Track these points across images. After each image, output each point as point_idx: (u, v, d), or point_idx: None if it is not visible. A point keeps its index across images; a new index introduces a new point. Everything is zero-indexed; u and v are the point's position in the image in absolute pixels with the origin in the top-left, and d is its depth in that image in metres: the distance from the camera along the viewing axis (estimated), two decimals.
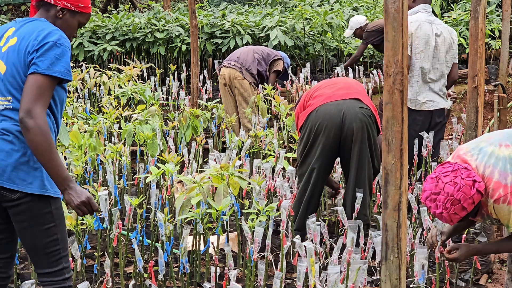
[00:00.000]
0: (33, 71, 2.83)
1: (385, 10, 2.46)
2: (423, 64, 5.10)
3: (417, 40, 5.11)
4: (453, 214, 3.11)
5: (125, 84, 7.68)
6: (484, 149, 3.20)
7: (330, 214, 5.36)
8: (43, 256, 2.97)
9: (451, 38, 5.26)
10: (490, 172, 3.12)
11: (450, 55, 5.25)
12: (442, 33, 5.20)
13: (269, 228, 3.77)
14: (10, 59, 2.92)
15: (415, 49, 5.11)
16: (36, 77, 2.83)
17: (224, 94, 7.38)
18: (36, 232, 2.94)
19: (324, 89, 4.60)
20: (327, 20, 10.32)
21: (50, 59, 2.85)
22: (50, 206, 2.94)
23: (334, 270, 2.96)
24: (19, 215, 2.92)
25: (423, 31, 5.10)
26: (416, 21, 5.12)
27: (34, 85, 2.82)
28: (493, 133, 3.37)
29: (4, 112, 2.90)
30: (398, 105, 2.48)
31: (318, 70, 10.58)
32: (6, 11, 15.62)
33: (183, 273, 3.73)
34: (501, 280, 4.21)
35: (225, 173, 4.14)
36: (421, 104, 5.13)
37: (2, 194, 2.88)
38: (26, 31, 2.94)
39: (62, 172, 2.82)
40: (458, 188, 3.08)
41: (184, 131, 6.37)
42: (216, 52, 10.28)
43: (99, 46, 9.95)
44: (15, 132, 2.87)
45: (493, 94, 6.18)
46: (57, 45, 2.87)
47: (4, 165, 2.86)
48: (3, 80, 2.92)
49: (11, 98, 2.89)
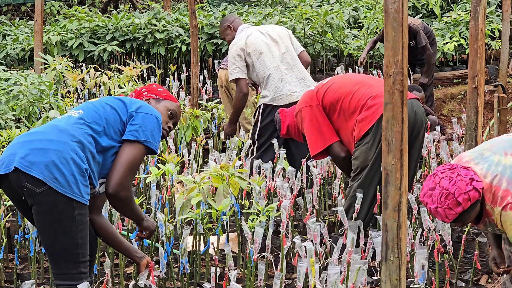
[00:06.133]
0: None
1: (385, 10, 2.46)
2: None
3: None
4: (448, 208, 3.09)
5: (125, 85, 7.68)
6: (489, 158, 3.20)
7: (330, 214, 5.36)
8: (62, 259, 2.98)
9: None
10: (498, 181, 3.12)
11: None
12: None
13: (269, 229, 3.77)
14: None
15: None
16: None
17: (222, 96, 7.38)
18: (56, 232, 2.95)
19: (374, 88, 4.46)
20: (327, 21, 10.32)
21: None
22: (74, 210, 2.95)
23: (334, 271, 2.96)
24: (41, 213, 2.94)
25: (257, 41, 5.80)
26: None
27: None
28: (495, 141, 3.36)
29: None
30: (398, 106, 2.48)
31: (318, 70, 10.58)
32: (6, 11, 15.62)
33: (183, 274, 3.73)
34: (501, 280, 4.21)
35: (225, 173, 4.14)
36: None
37: (27, 187, 2.90)
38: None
39: (140, 213, 3.28)
40: (454, 182, 3.08)
41: (184, 131, 6.37)
42: (216, 53, 10.28)
43: (99, 47, 9.95)
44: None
45: (493, 94, 6.18)
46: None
47: (39, 160, 2.91)
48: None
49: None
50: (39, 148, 2.95)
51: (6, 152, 3.02)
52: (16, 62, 10.22)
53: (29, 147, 2.96)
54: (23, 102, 6.48)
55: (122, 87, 7.52)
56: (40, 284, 4.07)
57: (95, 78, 7.99)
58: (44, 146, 2.96)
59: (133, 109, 3.16)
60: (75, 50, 9.97)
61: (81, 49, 10.02)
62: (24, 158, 2.92)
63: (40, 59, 8.11)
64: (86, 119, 3.10)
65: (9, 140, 5.45)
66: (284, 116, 4.94)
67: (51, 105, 6.72)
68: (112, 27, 10.27)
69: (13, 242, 4.53)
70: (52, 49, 9.80)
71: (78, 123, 3.08)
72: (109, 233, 3.32)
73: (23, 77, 6.96)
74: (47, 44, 9.81)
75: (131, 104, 3.20)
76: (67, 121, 3.11)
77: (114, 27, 10.26)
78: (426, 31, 8.33)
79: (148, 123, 3.13)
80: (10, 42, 10.36)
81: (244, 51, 5.81)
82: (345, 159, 4.59)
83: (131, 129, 3.10)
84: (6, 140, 5.47)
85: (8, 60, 10.12)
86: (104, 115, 3.13)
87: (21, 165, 2.91)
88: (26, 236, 4.34)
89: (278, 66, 5.79)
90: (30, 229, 4.03)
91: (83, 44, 10.04)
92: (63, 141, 2.98)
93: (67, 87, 7.99)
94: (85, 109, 3.17)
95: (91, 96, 8.11)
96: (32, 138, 3.03)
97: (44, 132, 3.04)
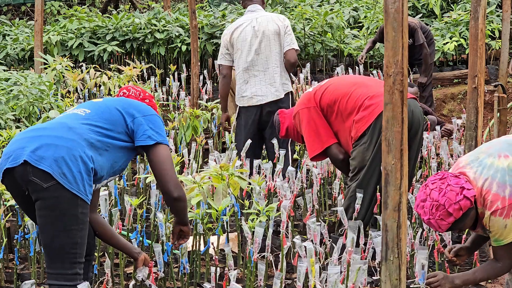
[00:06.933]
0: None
1: (385, 10, 2.46)
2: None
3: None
4: (440, 219, 3.09)
5: (125, 85, 7.68)
6: (483, 161, 3.17)
7: (330, 214, 5.36)
8: (59, 257, 2.98)
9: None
10: (488, 184, 3.10)
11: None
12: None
13: (269, 229, 3.77)
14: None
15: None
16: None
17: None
18: (57, 229, 2.95)
19: (371, 88, 4.45)
20: (327, 21, 10.32)
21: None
22: (78, 208, 2.96)
23: (334, 271, 2.96)
24: (45, 209, 2.94)
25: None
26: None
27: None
28: (492, 143, 3.34)
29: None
30: (398, 105, 2.48)
31: (318, 70, 10.58)
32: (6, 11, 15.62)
33: (183, 274, 3.73)
34: (501, 280, 4.21)
35: (225, 173, 4.14)
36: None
37: (33, 181, 2.91)
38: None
39: (186, 219, 3.41)
40: (443, 193, 3.07)
41: (184, 131, 6.37)
42: (216, 53, 10.26)
43: (99, 47, 9.95)
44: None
45: (493, 94, 6.18)
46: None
47: (49, 154, 2.93)
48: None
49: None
50: (49, 144, 2.97)
51: (11, 146, 3.03)
52: (16, 62, 10.22)
53: (39, 142, 2.98)
54: (23, 102, 6.48)
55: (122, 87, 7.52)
56: (40, 284, 4.07)
57: (95, 78, 7.99)
58: (53, 142, 2.98)
59: (136, 112, 3.24)
60: (75, 50, 9.97)
61: (81, 49, 10.02)
62: (34, 152, 2.94)
63: (40, 59, 8.11)
64: (93, 118, 3.13)
65: (9, 140, 5.45)
66: (284, 118, 4.94)
67: (51, 105, 6.72)
68: (112, 27, 10.27)
69: (13, 242, 4.53)
70: (52, 49, 9.80)
71: (86, 122, 3.11)
72: (107, 230, 3.36)
73: (23, 77, 6.96)
74: (47, 44, 9.81)
75: (133, 106, 3.26)
76: (74, 119, 3.13)
77: (114, 27, 10.26)
78: (423, 30, 8.35)
79: (156, 123, 3.25)
80: (10, 42, 10.36)
81: (228, 43, 5.91)
82: (343, 161, 4.59)
83: (147, 134, 3.20)
84: (6, 140, 5.47)
85: (8, 60, 10.12)
86: (109, 116, 3.18)
87: (31, 159, 2.92)
88: (26, 236, 4.34)
89: (248, 67, 5.81)
90: (30, 229, 4.03)
91: (83, 44, 10.04)
92: (72, 139, 3.01)
93: (67, 87, 7.99)
94: (92, 109, 3.20)
95: (91, 96, 8.11)
96: (40, 133, 3.04)
97: (53, 129, 3.06)
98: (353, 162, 4.45)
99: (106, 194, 3.91)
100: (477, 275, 3.34)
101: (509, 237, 3.13)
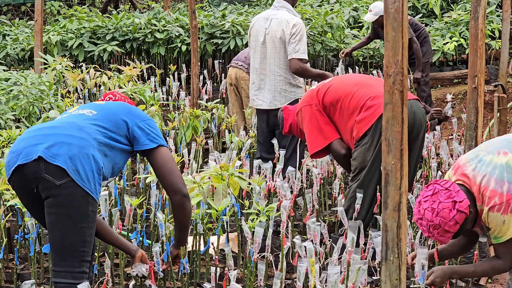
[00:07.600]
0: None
1: (385, 10, 2.46)
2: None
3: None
4: (440, 236, 3.16)
5: (125, 85, 7.68)
6: (482, 158, 3.20)
7: (330, 214, 5.36)
8: (68, 255, 2.99)
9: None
10: (486, 181, 3.12)
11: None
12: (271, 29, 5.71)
13: (269, 229, 3.77)
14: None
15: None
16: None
17: (230, 94, 7.35)
18: (67, 227, 2.96)
19: (373, 88, 4.44)
20: (327, 21, 10.32)
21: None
22: (88, 206, 2.99)
23: (334, 271, 2.96)
24: (56, 206, 2.96)
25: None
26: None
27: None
28: (492, 141, 3.36)
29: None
30: (398, 106, 2.48)
31: None
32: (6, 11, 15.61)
33: (183, 274, 3.72)
34: (501, 281, 4.21)
35: (225, 173, 4.14)
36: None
37: (46, 178, 2.93)
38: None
39: (187, 234, 3.47)
40: (436, 213, 3.11)
41: (184, 131, 6.37)
42: (216, 53, 10.28)
43: (99, 47, 9.95)
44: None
45: (493, 94, 6.18)
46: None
47: (63, 152, 2.96)
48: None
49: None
50: (62, 142, 3.00)
51: (20, 144, 3.04)
52: (16, 62, 10.22)
53: (53, 139, 3.01)
54: (23, 102, 6.48)
55: (122, 87, 7.52)
56: (40, 284, 4.07)
57: (95, 78, 7.99)
58: (66, 140, 3.01)
59: (136, 117, 3.30)
60: (75, 50, 9.97)
61: (81, 49, 10.02)
62: (49, 149, 2.96)
63: (40, 59, 8.11)
64: (100, 120, 3.19)
65: (9, 140, 5.45)
66: (287, 114, 4.94)
67: (51, 105, 6.72)
68: (112, 27, 10.27)
69: (13, 242, 4.53)
70: (52, 49, 9.80)
71: (94, 123, 3.16)
72: (105, 228, 3.38)
73: (23, 77, 6.96)
74: (47, 44, 9.81)
75: (133, 111, 3.33)
76: (82, 119, 3.16)
77: (114, 27, 10.26)
78: (416, 27, 8.34)
79: (155, 127, 3.33)
80: (10, 42, 10.36)
81: (248, 36, 6.02)
82: (345, 157, 4.59)
83: (149, 138, 3.27)
84: (6, 140, 5.46)
85: (8, 60, 10.11)
86: (114, 118, 3.23)
87: (46, 155, 2.95)
88: (26, 236, 4.34)
89: (256, 69, 5.84)
90: (30, 229, 4.03)
91: (83, 44, 10.04)
92: (84, 138, 3.05)
93: (67, 87, 7.99)
94: (98, 110, 3.26)
95: (91, 96, 8.11)
96: (52, 132, 3.07)
97: (64, 128, 3.10)
98: (354, 162, 4.46)
99: (106, 194, 3.91)
100: (477, 270, 3.37)
101: (507, 234, 3.15)
